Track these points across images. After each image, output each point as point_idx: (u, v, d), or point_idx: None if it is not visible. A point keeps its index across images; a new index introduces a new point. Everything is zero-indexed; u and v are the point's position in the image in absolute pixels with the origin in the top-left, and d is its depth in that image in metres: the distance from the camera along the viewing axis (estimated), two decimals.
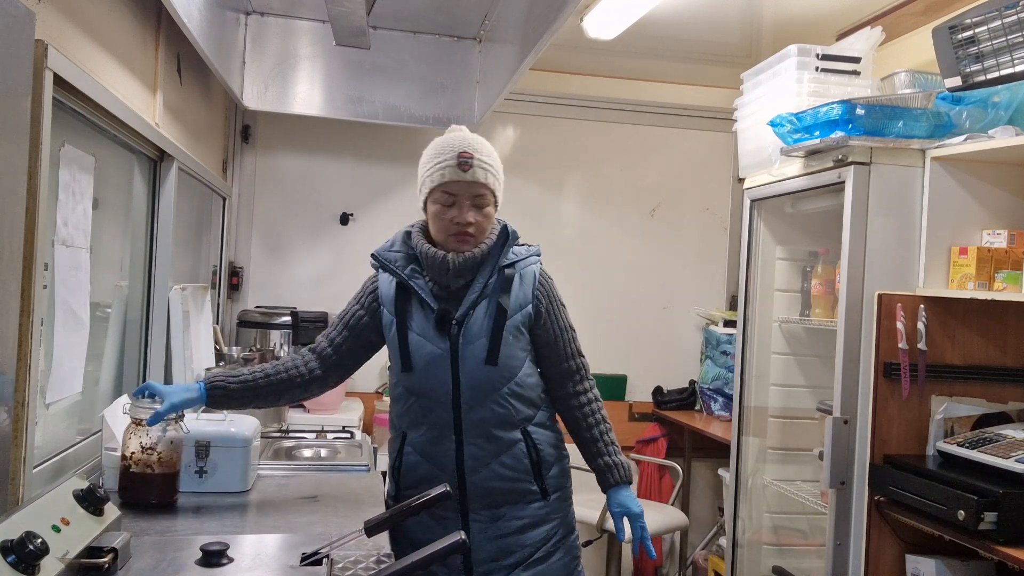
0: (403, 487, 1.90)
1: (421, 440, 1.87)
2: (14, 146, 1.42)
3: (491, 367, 1.84)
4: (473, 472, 1.85)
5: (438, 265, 1.90)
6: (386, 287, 1.95)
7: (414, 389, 1.87)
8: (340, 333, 1.97)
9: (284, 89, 3.32)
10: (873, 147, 2.37)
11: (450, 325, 1.86)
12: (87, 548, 1.31)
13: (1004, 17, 2.20)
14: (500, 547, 1.86)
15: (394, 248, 2.02)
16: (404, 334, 1.87)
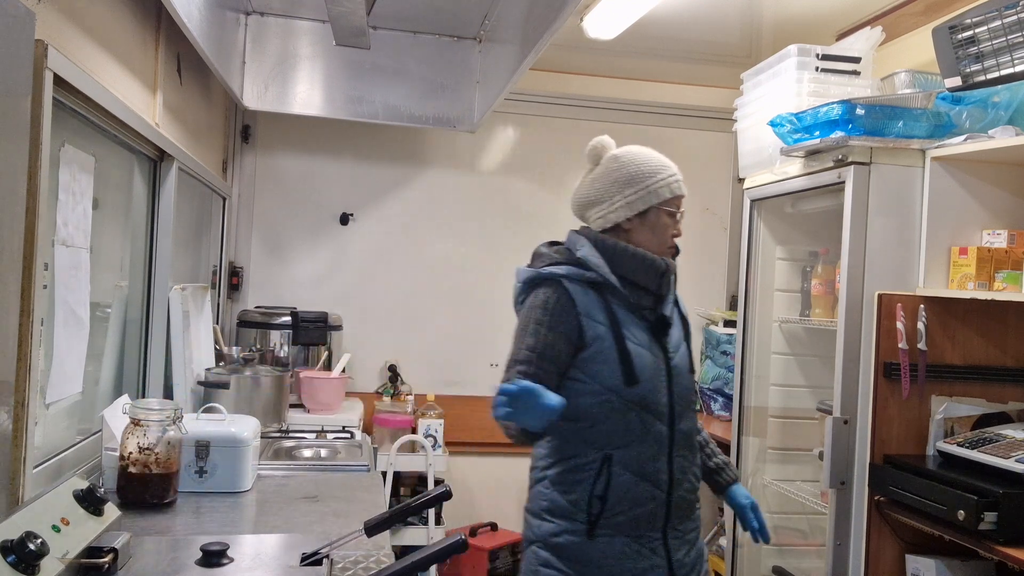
0: (612, 513, 1.77)
1: (635, 458, 1.77)
2: (14, 146, 1.42)
3: (691, 375, 1.90)
4: (678, 486, 1.83)
5: (659, 272, 1.86)
6: (584, 298, 1.83)
7: (639, 402, 1.78)
8: (543, 369, 1.79)
9: (284, 89, 3.32)
10: (873, 147, 2.37)
11: (666, 333, 1.86)
12: (87, 548, 1.31)
13: (1004, 17, 2.20)
14: (694, 558, 1.89)
15: (579, 257, 1.88)
16: (623, 345, 1.80)
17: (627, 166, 1.90)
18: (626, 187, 1.88)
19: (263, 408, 2.78)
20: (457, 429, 3.85)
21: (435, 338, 3.97)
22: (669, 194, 1.88)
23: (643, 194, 1.87)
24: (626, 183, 1.88)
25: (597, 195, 1.91)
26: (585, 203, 1.95)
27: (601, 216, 1.90)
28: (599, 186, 1.91)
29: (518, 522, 4.19)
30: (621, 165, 1.90)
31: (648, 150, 1.94)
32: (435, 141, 3.97)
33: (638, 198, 1.87)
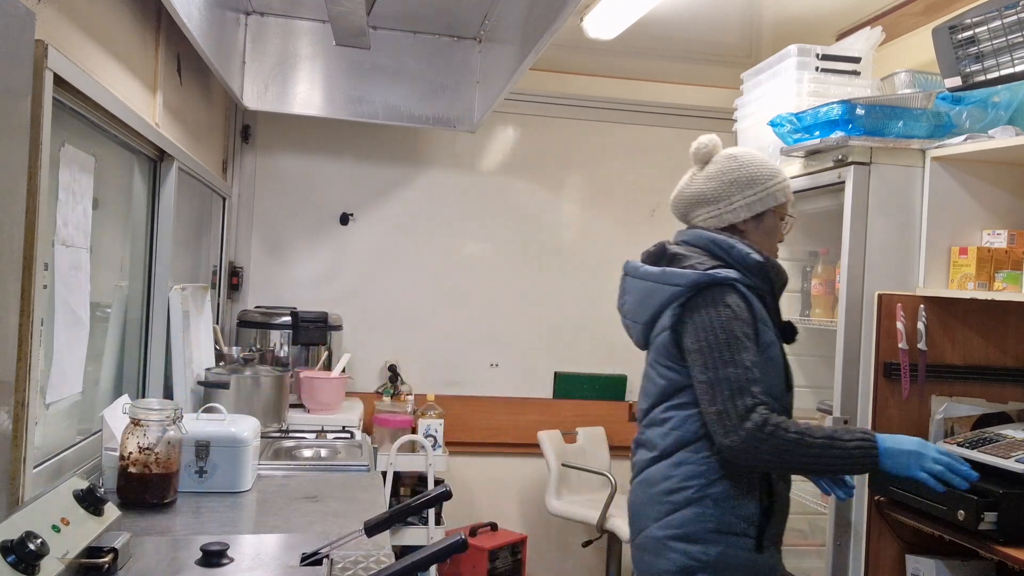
0: (773, 524, 1.78)
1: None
2: (14, 146, 1.41)
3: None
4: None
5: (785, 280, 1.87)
6: (756, 303, 1.78)
7: (788, 408, 1.82)
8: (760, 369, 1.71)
9: (284, 89, 3.32)
10: (873, 147, 2.37)
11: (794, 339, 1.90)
12: (87, 548, 1.32)
13: (1004, 17, 2.20)
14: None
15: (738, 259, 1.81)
16: (783, 351, 1.83)
17: (747, 166, 1.87)
18: (747, 188, 1.85)
19: (263, 408, 2.78)
20: (457, 429, 3.86)
21: (435, 338, 3.97)
22: (784, 198, 1.88)
23: (763, 196, 1.85)
24: (747, 184, 1.85)
25: (713, 193, 1.87)
26: (697, 200, 1.90)
27: (715, 215, 1.87)
28: (715, 185, 1.87)
29: (518, 522, 4.22)
30: (741, 165, 1.87)
31: (759, 154, 1.94)
32: (435, 141, 3.97)
33: (758, 199, 1.85)
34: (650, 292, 1.84)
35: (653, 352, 1.85)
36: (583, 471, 3.71)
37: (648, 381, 1.88)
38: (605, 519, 3.39)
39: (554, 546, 4.05)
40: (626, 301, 1.95)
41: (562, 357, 4.08)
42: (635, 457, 1.91)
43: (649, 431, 1.85)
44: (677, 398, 1.79)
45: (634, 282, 1.91)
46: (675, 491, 1.76)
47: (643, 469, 1.85)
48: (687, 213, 1.93)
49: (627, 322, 1.96)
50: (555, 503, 3.58)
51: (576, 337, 4.08)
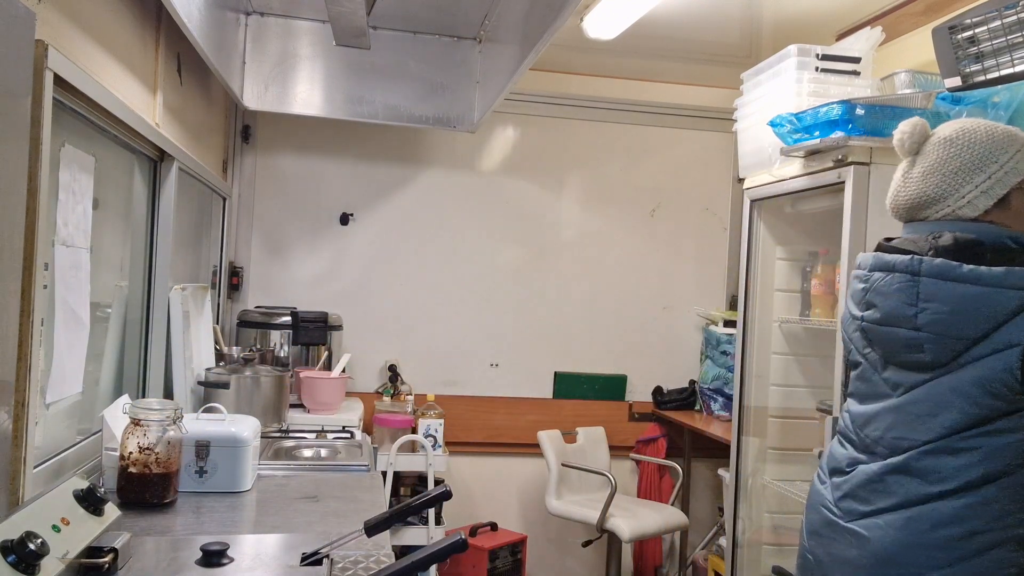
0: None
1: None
2: (14, 146, 1.42)
3: None
4: None
5: None
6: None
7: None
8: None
9: (284, 89, 3.32)
10: (873, 147, 2.37)
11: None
12: (87, 548, 1.32)
13: (1004, 17, 2.20)
14: None
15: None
16: None
17: (970, 148, 1.61)
18: (976, 173, 1.60)
19: (263, 408, 2.78)
20: (457, 429, 3.86)
21: (435, 338, 3.97)
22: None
23: (1000, 176, 1.59)
24: (975, 168, 1.60)
25: (937, 191, 1.62)
26: (919, 203, 1.65)
27: (948, 214, 1.62)
28: (937, 180, 1.62)
29: (518, 522, 4.23)
30: (961, 149, 1.62)
31: (982, 121, 1.66)
32: (435, 141, 3.97)
33: (995, 182, 1.59)
34: (984, 298, 1.50)
35: (971, 372, 1.52)
36: (583, 471, 3.71)
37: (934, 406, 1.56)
38: (605, 519, 3.39)
39: (554, 546, 4.05)
40: (927, 309, 1.56)
41: (562, 357, 4.08)
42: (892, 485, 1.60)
43: (932, 459, 1.55)
44: (990, 425, 1.51)
45: (948, 286, 1.54)
46: (979, 533, 1.50)
47: (917, 503, 1.56)
48: (913, 215, 1.68)
49: (922, 335, 1.57)
50: (555, 503, 3.58)
51: (576, 337, 4.09)
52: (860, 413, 1.72)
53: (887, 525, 1.58)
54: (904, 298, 1.60)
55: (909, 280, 1.59)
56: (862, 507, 1.64)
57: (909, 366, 1.61)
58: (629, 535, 3.36)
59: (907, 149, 1.69)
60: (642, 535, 3.45)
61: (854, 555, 1.62)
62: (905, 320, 1.59)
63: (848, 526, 1.65)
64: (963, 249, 1.55)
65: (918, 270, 1.58)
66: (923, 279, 1.57)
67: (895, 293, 1.62)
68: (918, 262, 1.58)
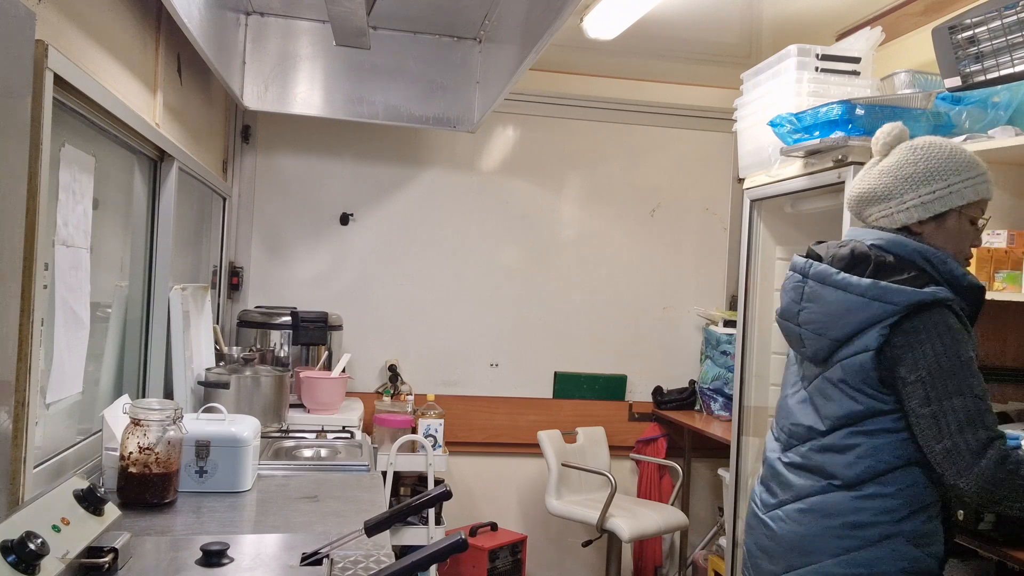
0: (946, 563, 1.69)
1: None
2: (14, 146, 1.42)
3: None
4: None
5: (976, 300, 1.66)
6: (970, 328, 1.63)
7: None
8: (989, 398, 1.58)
9: (284, 89, 3.32)
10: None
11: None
12: (87, 548, 1.32)
13: (1004, 17, 2.20)
14: None
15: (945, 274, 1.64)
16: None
17: (927, 160, 1.66)
18: (923, 184, 1.65)
19: (263, 408, 2.78)
20: (457, 429, 3.86)
21: (435, 338, 3.97)
22: (974, 196, 1.65)
23: (943, 194, 1.64)
24: (923, 179, 1.65)
25: (885, 190, 1.69)
26: (868, 198, 1.72)
27: (886, 215, 1.69)
28: (888, 180, 1.68)
29: (518, 522, 4.23)
30: (919, 158, 1.67)
31: (953, 143, 1.71)
32: (435, 141, 3.97)
33: (936, 198, 1.64)
34: (851, 306, 1.60)
35: (839, 370, 1.64)
36: (583, 471, 3.71)
37: (823, 399, 1.68)
38: (605, 519, 3.39)
39: (554, 546, 4.05)
40: (807, 309, 1.70)
41: (562, 357, 4.08)
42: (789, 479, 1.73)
43: (823, 456, 1.67)
44: (867, 424, 1.62)
45: (825, 290, 1.67)
46: (865, 526, 1.60)
47: (810, 496, 1.67)
48: (860, 211, 1.75)
49: (802, 331, 1.72)
50: (555, 503, 3.58)
51: (576, 337, 4.09)
52: (778, 402, 1.87)
53: (787, 517, 1.71)
54: (794, 296, 1.75)
55: (799, 281, 1.74)
56: (771, 499, 1.77)
57: (805, 360, 1.75)
58: (629, 535, 3.37)
59: (878, 149, 1.76)
60: (642, 535, 3.45)
61: (770, 545, 1.74)
62: (792, 316, 1.75)
63: (763, 517, 1.78)
64: (857, 260, 1.65)
65: (807, 272, 1.72)
66: (809, 281, 1.71)
67: (790, 291, 1.77)
68: (808, 265, 1.73)
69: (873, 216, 1.73)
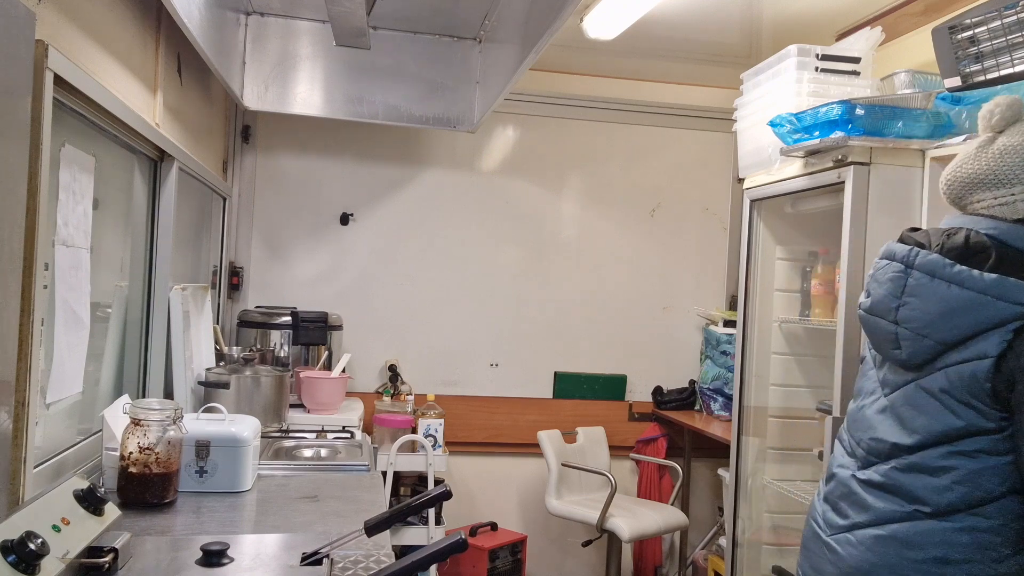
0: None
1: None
2: (14, 146, 1.42)
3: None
4: None
5: None
6: None
7: None
8: None
9: (284, 89, 3.32)
10: (873, 147, 2.37)
11: None
12: (87, 548, 1.32)
13: (1004, 17, 2.20)
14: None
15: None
16: None
17: None
18: None
19: (263, 408, 2.78)
20: (457, 429, 3.86)
21: (435, 338, 3.97)
22: None
23: None
24: None
25: (1009, 172, 1.48)
26: (980, 181, 1.51)
27: (1005, 203, 1.48)
28: (1014, 161, 1.48)
29: (518, 522, 4.23)
30: None
31: None
32: (435, 141, 3.97)
33: None
34: (969, 304, 1.41)
35: (942, 378, 1.45)
36: (583, 471, 3.71)
37: (912, 410, 1.49)
38: (605, 519, 3.39)
39: (554, 546, 4.05)
40: (908, 304, 1.50)
41: (562, 357, 4.08)
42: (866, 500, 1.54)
43: (909, 477, 1.48)
44: (968, 443, 1.43)
45: (935, 284, 1.47)
46: (955, 563, 1.42)
47: (891, 522, 1.48)
48: (964, 196, 1.55)
49: (900, 330, 1.52)
50: (555, 503, 3.58)
51: (576, 337, 4.09)
52: (851, 411, 1.67)
53: (858, 542, 1.52)
54: (892, 289, 1.54)
55: (901, 271, 1.53)
56: (840, 520, 1.58)
57: (895, 364, 1.55)
58: (629, 535, 3.37)
59: (994, 124, 1.54)
60: (642, 535, 3.46)
61: (830, 571, 1.55)
62: (887, 312, 1.54)
63: (827, 540, 1.60)
64: (973, 251, 1.45)
65: (912, 262, 1.51)
66: (914, 272, 1.50)
67: (887, 282, 1.56)
68: (914, 254, 1.51)
69: (984, 203, 1.51)
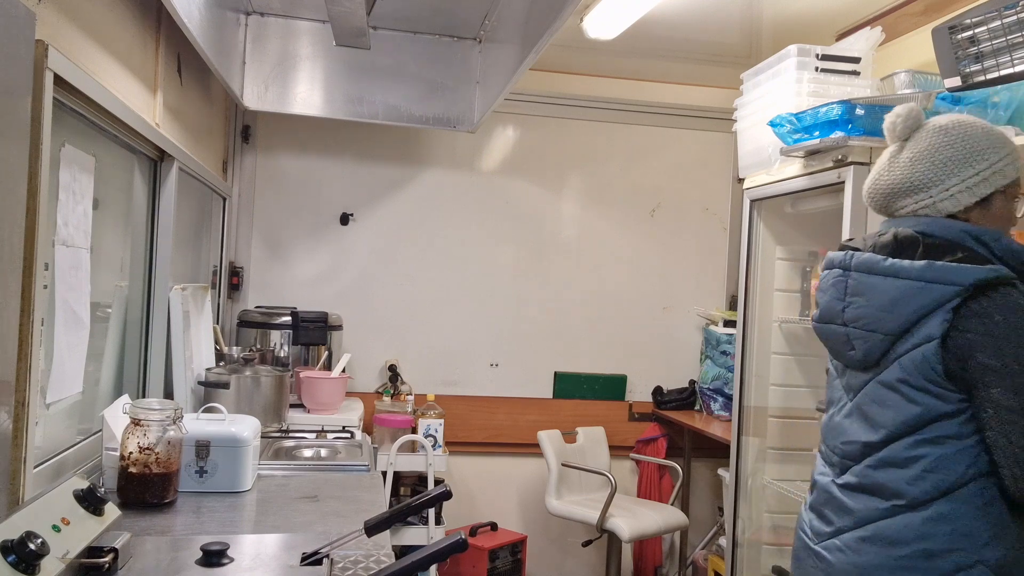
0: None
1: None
2: (14, 146, 1.42)
3: None
4: None
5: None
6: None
7: None
8: None
9: (284, 89, 3.32)
10: (873, 147, 2.37)
11: None
12: (87, 548, 1.32)
13: (1004, 17, 2.20)
14: None
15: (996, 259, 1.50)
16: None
17: (963, 140, 1.53)
18: (965, 167, 1.52)
19: (263, 408, 2.78)
20: (457, 429, 3.86)
21: (435, 338, 3.97)
22: (1015, 174, 1.53)
23: (987, 175, 1.52)
24: (965, 162, 1.52)
25: (922, 178, 1.54)
26: (901, 189, 1.56)
27: (926, 205, 1.53)
28: (924, 167, 1.53)
29: (518, 522, 4.24)
30: (955, 140, 1.53)
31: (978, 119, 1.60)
32: (435, 141, 3.97)
33: (981, 180, 1.51)
34: (906, 292, 1.45)
35: (897, 369, 1.47)
36: (583, 471, 3.71)
37: (878, 407, 1.51)
38: (605, 519, 3.39)
39: (554, 546, 4.05)
40: (853, 304, 1.55)
41: (562, 357, 4.08)
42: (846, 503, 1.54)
43: (882, 473, 1.49)
44: (931, 430, 1.44)
45: (873, 280, 1.51)
46: (939, 554, 1.40)
47: (872, 520, 1.49)
48: (889, 204, 1.60)
49: (850, 331, 1.55)
50: (555, 503, 3.58)
51: (576, 337, 4.09)
52: (824, 422, 1.68)
53: (845, 546, 1.52)
54: (836, 293, 1.59)
55: (841, 275, 1.59)
56: (825, 527, 1.58)
57: (852, 367, 1.58)
58: (629, 535, 3.37)
59: (898, 133, 1.60)
60: (642, 535, 3.46)
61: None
62: (836, 315, 1.59)
63: (815, 548, 1.60)
64: (903, 245, 1.51)
65: (849, 264, 1.57)
66: (852, 274, 1.56)
67: (830, 288, 1.61)
68: (849, 257, 1.57)
69: (908, 208, 1.57)
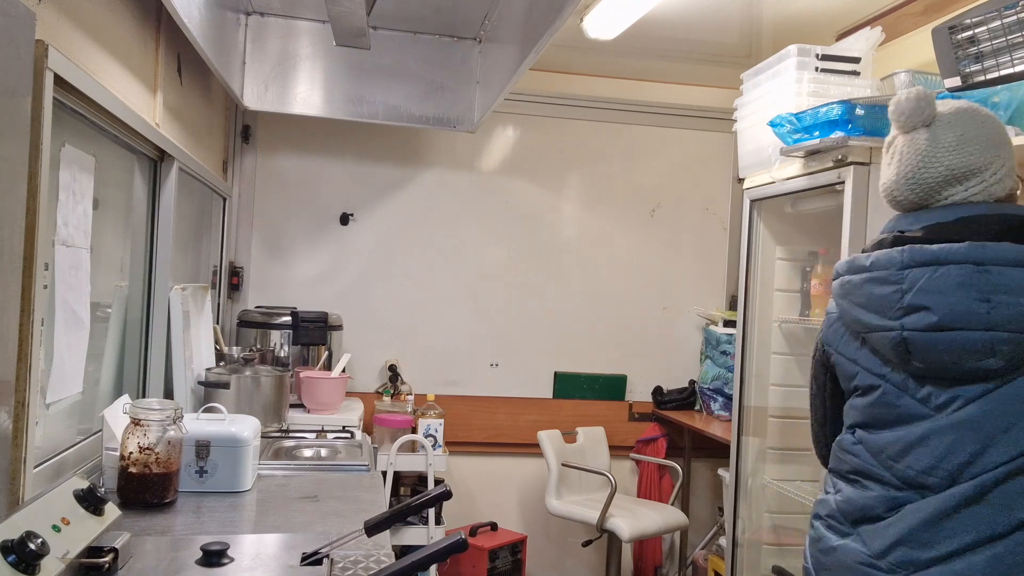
0: None
1: None
2: (14, 146, 1.42)
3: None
4: None
5: None
6: None
7: None
8: None
9: (284, 89, 3.32)
10: (873, 147, 2.37)
11: None
12: (87, 548, 1.32)
13: (1004, 17, 2.20)
14: None
15: None
16: None
17: (994, 122, 1.44)
18: (1004, 148, 1.44)
19: (263, 408, 2.78)
20: (457, 429, 3.86)
21: (435, 338, 3.97)
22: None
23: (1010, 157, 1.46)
24: (1003, 144, 1.44)
25: (979, 160, 1.42)
26: (959, 174, 1.42)
27: (980, 191, 1.42)
28: (975, 149, 1.42)
29: (518, 522, 4.23)
30: (985, 119, 1.44)
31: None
32: (435, 141, 3.97)
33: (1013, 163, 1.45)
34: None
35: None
36: (583, 471, 3.71)
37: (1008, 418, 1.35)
38: (605, 519, 3.39)
39: (554, 546, 4.05)
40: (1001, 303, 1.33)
41: (562, 357, 4.08)
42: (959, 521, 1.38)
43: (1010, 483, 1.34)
44: None
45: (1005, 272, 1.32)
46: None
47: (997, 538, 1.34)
48: (933, 194, 1.45)
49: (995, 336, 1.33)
50: (555, 503, 3.58)
51: (576, 337, 4.09)
52: (890, 442, 1.47)
53: (968, 568, 1.34)
54: (972, 293, 1.33)
55: (974, 271, 1.33)
56: (924, 553, 1.38)
57: (966, 377, 1.37)
58: (629, 535, 3.37)
59: (924, 119, 1.45)
60: (642, 535, 3.46)
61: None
62: (976, 319, 1.33)
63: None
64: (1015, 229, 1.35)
65: (983, 258, 1.33)
66: (992, 267, 1.32)
67: (956, 289, 1.34)
68: (981, 248, 1.33)
69: (957, 195, 1.42)
